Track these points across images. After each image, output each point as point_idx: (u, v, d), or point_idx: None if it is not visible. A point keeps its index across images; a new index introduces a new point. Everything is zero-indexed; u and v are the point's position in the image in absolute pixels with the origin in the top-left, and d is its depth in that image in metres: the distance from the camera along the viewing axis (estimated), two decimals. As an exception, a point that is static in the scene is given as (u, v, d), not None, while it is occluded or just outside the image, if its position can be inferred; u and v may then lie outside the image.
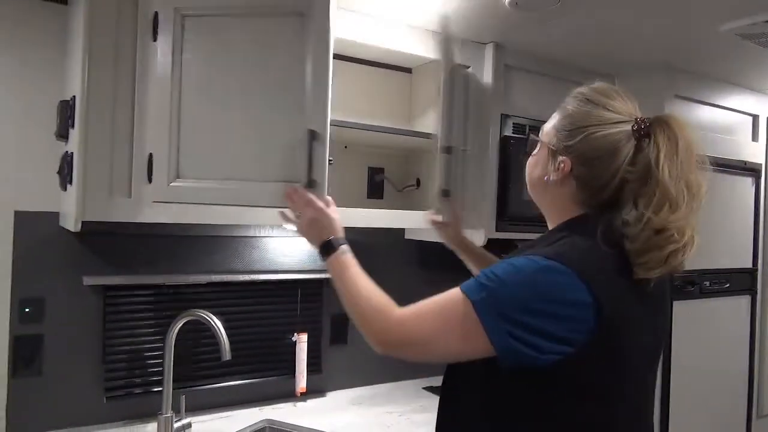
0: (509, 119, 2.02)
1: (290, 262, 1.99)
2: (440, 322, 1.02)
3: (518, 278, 0.93)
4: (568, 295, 0.90)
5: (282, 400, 2.00)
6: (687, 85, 2.23)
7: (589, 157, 1.00)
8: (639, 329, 0.98)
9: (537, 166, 1.10)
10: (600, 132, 1.00)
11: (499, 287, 0.93)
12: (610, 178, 0.99)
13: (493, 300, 0.93)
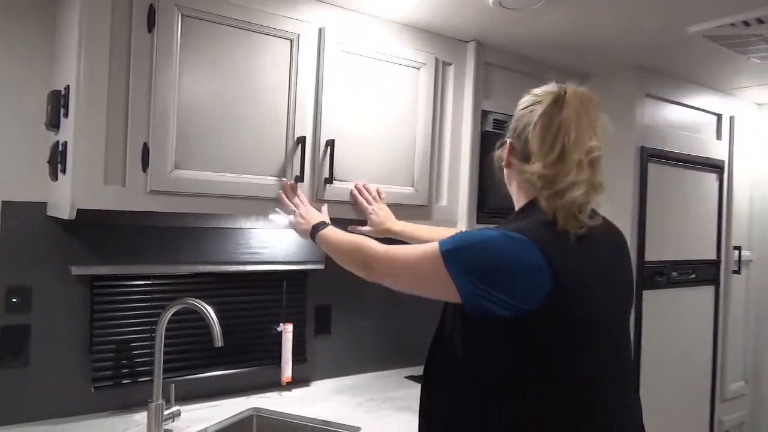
0: (489, 115, 2.09)
1: (276, 253, 2.02)
2: (414, 258, 1.17)
3: (485, 244, 1.03)
4: (526, 260, 1.00)
5: (268, 390, 2.03)
6: (657, 84, 2.34)
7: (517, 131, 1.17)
8: (596, 288, 1.07)
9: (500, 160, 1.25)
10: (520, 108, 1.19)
11: (468, 246, 1.05)
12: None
13: (461, 254, 1.05)
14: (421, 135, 1.93)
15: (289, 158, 1.65)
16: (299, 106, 1.66)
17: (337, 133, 1.72)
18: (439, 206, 2.01)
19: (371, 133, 1.82)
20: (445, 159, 2.02)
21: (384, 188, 1.85)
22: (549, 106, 1.12)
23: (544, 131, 1.10)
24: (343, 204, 1.77)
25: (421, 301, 2.53)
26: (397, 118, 1.88)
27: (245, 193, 1.58)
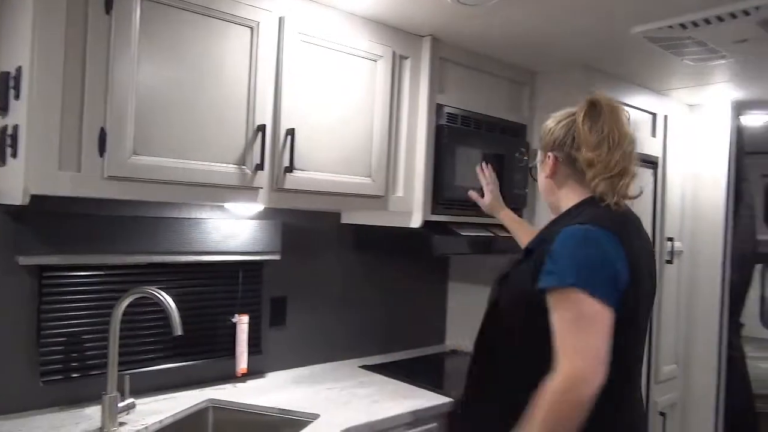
0: (444, 109, 2.15)
1: (232, 244, 2.00)
2: (576, 329, 1.20)
3: (579, 249, 1.22)
4: (614, 254, 1.22)
5: (223, 382, 2.02)
6: (602, 84, 2.46)
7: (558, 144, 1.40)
8: (644, 275, 1.30)
9: (539, 179, 1.48)
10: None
11: (579, 263, 1.21)
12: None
13: (586, 275, 1.20)
14: (378, 126, 1.96)
15: (249, 146, 1.64)
16: (259, 94, 1.65)
17: (297, 122, 1.73)
18: (396, 197, 2.05)
19: (330, 123, 1.84)
20: (401, 150, 2.06)
21: (342, 178, 1.87)
22: (589, 110, 1.36)
23: (593, 130, 1.33)
24: (302, 194, 1.78)
25: (375, 293, 2.57)
26: (355, 109, 1.90)
27: (205, 180, 1.57)
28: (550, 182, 1.44)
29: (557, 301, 1.21)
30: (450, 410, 1.93)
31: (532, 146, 2.46)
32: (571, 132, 1.37)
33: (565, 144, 1.38)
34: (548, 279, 1.22)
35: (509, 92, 2.43)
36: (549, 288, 1.22)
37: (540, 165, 1.47)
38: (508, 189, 2.34)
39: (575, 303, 1.19)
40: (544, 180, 1.46)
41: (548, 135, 1.43)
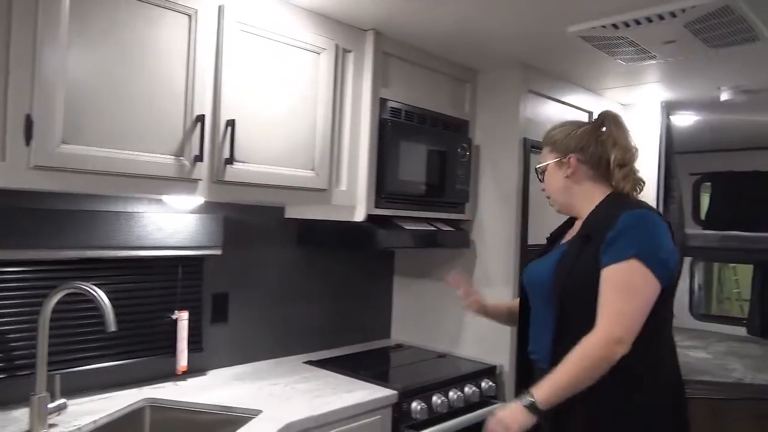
0: (387, 103, 2.16)
1: (170, 238, 1.95)
2: (634, 292, 1.38)
3: (652, 227, 1.43)
4: (667, 235, 1.45)
5: (163, 380, 1.96)
6: (539, 82, 2.53)
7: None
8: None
9: (550, 180, 1.65)
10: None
11: (649, 240, 1.41)
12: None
13: (651, 250, 1.39)
14: (322, 119, 1.96)
15: (187, 137, 1.60)
16: (198, 83, 1.62)
17: (237, 113, 1.71)
18: (339, 190, 2.05)
19: (272, 115, 1.82)
20: (344, 144, 2.06)
21: (284, 171, 1.85)
22: (616, 120, 1.60)
23: (624, 136, 1.58)
24: (243, 186, 1.75)
25: (319, 288, 2.56)
26: (298, 102, 1.89)
27: (140, 171, 1.52)
28: (567, 182, 1.61)
29: (613, 271, 1.38)
30: (395, 402, 1.95)
31: (474, 142, 2.51)
32: (595, 137, 1.59)
33: (589, 146, 1.58)
34: (611, 255, 1.39)
35: (452, 89, 2.47)
36: (611, 263, 1.38)
37: (556, 167, 1.62)
38: (451, 185, 2.37)
39: (630, 272, 1.37)
40: (560, 180, 1.62)
41: (568, 139, 1.61)
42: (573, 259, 1.48)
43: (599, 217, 1.50)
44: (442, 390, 2.12)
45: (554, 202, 1.68)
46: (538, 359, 1.57)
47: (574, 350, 1.37)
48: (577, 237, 1.52)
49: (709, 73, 2.55)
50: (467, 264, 2.55)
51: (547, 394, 1.39)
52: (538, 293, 1.59)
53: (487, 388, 2.29)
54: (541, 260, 1.66)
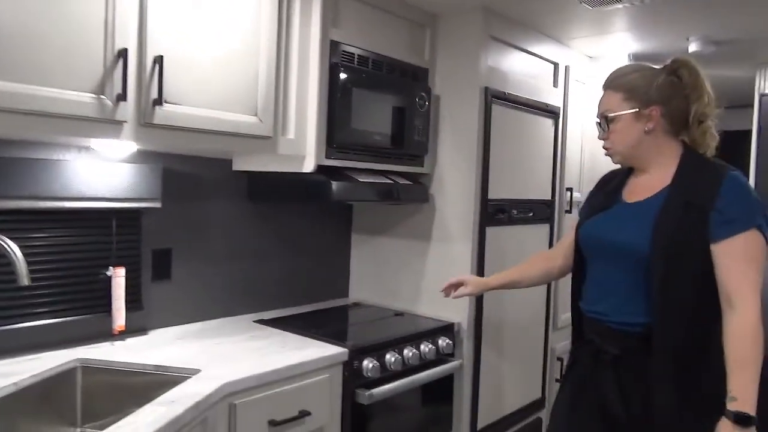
0: (339, 46, 2.02)
1: (102, 189, 1.80)
2: (756, 264, 1.38)
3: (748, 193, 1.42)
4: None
5: (98, 340, 1.85)
6: (501, 28, 2.41)
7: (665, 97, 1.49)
8: None
9: (623, 132, 1.52)
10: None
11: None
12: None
13: (761, 216, 1.39)
14: (265, 60, 1.81)
15: (108, 73, 1.45)
16: (119, 13, 1.46)
17: (167, 49, 1.55)
18: (286, 139, 1.92)
19: (209, 53, 1.67)
20: (291, 89, 1.92)
21: (223, 116, 1.72)
22: (686, 71, 1.50)
23: (701, 90, 1.49)
24: (175, 131, 1.61)
25: (272, 245, 2.45)
26: (238, 39, 1.74)
27: (54, 110, 1.37)
28: (645, 136, 1.50)
29: (736, 244, 1.36)
30: (346, 360, 1.87)
31: (434, 92, 2.39)
32: (676, 85, 1.49)
33: (671, 101, 1.48)
34: (731, 228, 1.36)
35: (410, 34, 2.33)
36: (733, 234, 1.36)
37: (632, 118, 1.50)
38: (409, 136, 2.26)
39: (751, 243, 1.37)
40: (636, 134, 1.51)
41: (650, 88, 1.48)
42: (674, 226, 1.41)
43: (694, 180, 1.45)
44: (397, 348, 2.05)
45: (618, 155, 1.57)
46: (604, 319, 1.53)
47: (740, 339, 1.34)
48: (672, 201, 1.44)
49: (678, 22, 2.46)
50: (426, 219, 2.46)
51: (752, 399, 1.32)
52: (618, 254, 1.51)
53: (445, 346, 2.23)
54: (611, 220, 1.57)
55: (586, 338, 1.62)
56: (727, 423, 1.32)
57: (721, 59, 2.94)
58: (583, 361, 1.61)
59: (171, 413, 1.34)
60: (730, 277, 1.36)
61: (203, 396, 1.44)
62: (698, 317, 1.41)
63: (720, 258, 1.38)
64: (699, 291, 1.41)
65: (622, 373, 1.49)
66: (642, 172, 1.56)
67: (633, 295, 1.47)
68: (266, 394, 1.64)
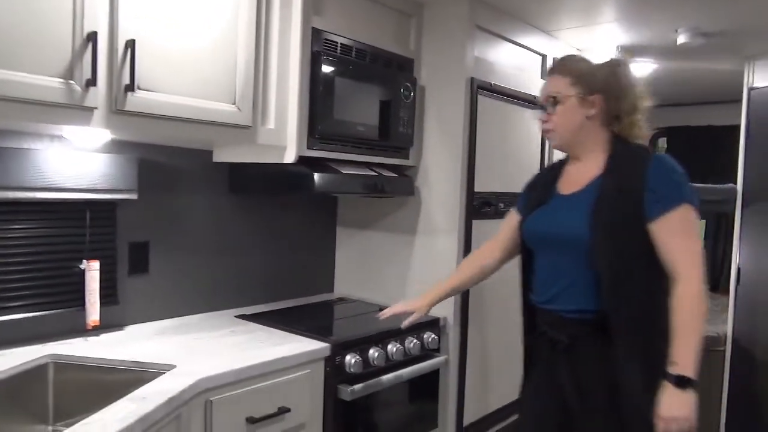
0: (322, 34, 1.97)
1: (74, 180, 1.75)
2: (697, 236, 1.47)
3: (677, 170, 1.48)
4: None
5: (71, 336, 1.79)
6: (487, 17, 2.37)
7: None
8: None
9: (566, 114, 1.58)
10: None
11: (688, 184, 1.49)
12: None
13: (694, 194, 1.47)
14: (243, 48, 1.76)
15: (77, 57, 1.39)
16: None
17: (139, 33, 1.50)
18: (266, 129, 1.87)
19: (184, 39, 1.61)
20: (271, 77, 1.87)
21: (199, 103, 1.66)
22: (623, 68, 1.59)
23: (634, 86, 1.59)
24: (149, 118, 1.56)
25: (255, 238, 2.41)
26: (214, 26, 1.69)
27: (20, 94, 1.30)
28: (584, 121, 1.57)
29: (671, 220, 1.43)
30: (328, 355, 1.83)
31: (419, 82, 2.35)
32: (616, 79, 1.57)
33: (612, 89, 1.56)
34: (664, 205, 1.43)
35: (395, 23, 2.29)
36: (666, 211, 1.43)
37: (577, 102, 1.56)
38: (394, 128, 2.21)
39: (685, 217, 1.44)
40: (578, 118, 1.57)
41: (594, 77, 1.56)
42: (610, 211, 1.48)
43: (624, 165, 1.52)
44: (381, 343, 2.01)
45: (556, 137, 1.63)
46: (556, 309, 1.58)
47: (682, 307, 1.42)
48: (605, 188, 1.51)
49: (667, 12, 2.42)
50: (411, 212, 2.42)
51: (692, 364, 1.41)
52: (561, 245, 1.56)
53: (430, 341, 2.19)
54: (551, 213, 1.63)
55: (540, 330, 1.66)
56: (669, 386, 1.41)
57: (710, 52, 2.91)
58: (539, 353, 1.67)
59: (141, 410, 1.29)
60: (670, 252, 1.44)
61: (176, 392, 1.40)
62: (650, 295, 1.47)
63: (658, 235, 1.45)
64: (647, 269, 1.48)
65: (575, 361, 1.54)
66: (575, 162, 1.64)
67: (581, 283, 1.52)
68: (244, 390, 1.60)
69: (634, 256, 1.47)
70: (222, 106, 1.72)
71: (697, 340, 1.43)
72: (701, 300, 1.43)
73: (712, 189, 3.33)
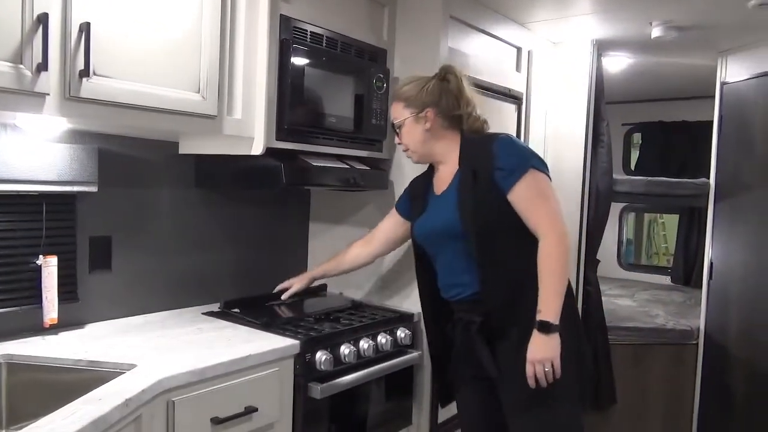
0: (291, 22, 1.91)
1: (30, 170, 1.66)
2: (553, 196, 1.66)
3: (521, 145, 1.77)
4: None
5: (27, 334, 1.71)
6: (462, 8, 2.33)
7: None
8: None
9: (409, 134, 1.79)
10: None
11: (533, 154, 1.71)
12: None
13: (539, 161, 1.68)
14: (208, 34, 1.69)
15: (26, 40, 1.31)
16: (38, -27, 1.32)
17: (95, 17, 1.42)
18: (233, 119, 1.80)
19: (144, 23, 1.54)
20: (238, 66, 1.80)
21: (161, 91, 1.59)
22: (451, 75, 1.78)
23: (463, 88, 1.77)
24: (106, 106, 1.48)
25: (224, 233, 2.33)
26: (177, 10, 1.61)
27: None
28: (426, 134, 1.77)
29: (524, 187, 1.61)
30: (297, 352, 1.77)
31: (393, 74, 2.30)
32: (444, 92, 1.76)
33: (441, 101, 1.74)
34: (513, 177, 1.61)
35: (369, 13, 2.23)
36: (515, 182, 1.60)
37: (413, 122, 1.77)
38: (367, 120, 2.16)
39: (538, 180, 1.62)
40: (419, 134, 1.77)
41: (421, 94, 1.75)
42: (471, 196, 1.65)
43: (473, 154, 1.71)
44: (352, 339, 1.96)
45: (413, 154, 1.82)
46: (459, 294, 1.76)
47: (543, 260, 1.60)
48: (463, 177, 1.69)
49: (642, 4, 2.41)
50: (385, 207, 2.36)
51: (554, 309, 1.58)
52: (444, 239, 1.74)
53: (403, 337, 2.15)
54: (430, 213, 1.81)
55: (455, 317, 1.82)
56: (535, 332, 1.59)
57: (683, 46, 2.92)
58: (457, 337, 1.81)
59: (96, 412, 1.22)
60: (530, 216, 1.62)
61: (135, 393, 1.33)
62: (524, 263, 1.64)
63: (517, 204, 1.63)
64: (516, 239, 1.65)
65: (487, 334, 1.71)
66: (440, 165, 1.81)
67: (470, 268, 1.69)
68: (209, 389, 1.54)
69: (503, 231, 1.64)
70: (185, 94, 1.66)
71: (558, 288, 1.60)
72: (561, 251, 1.60)
73: (683, 183, 3.35)
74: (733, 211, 3.03)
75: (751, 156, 2.92)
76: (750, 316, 2.88)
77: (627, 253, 4.95)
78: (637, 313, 3.41)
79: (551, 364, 1.58)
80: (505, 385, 1.72)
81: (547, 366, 1.58)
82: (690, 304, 3.69)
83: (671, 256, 4.85)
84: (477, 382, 1.82)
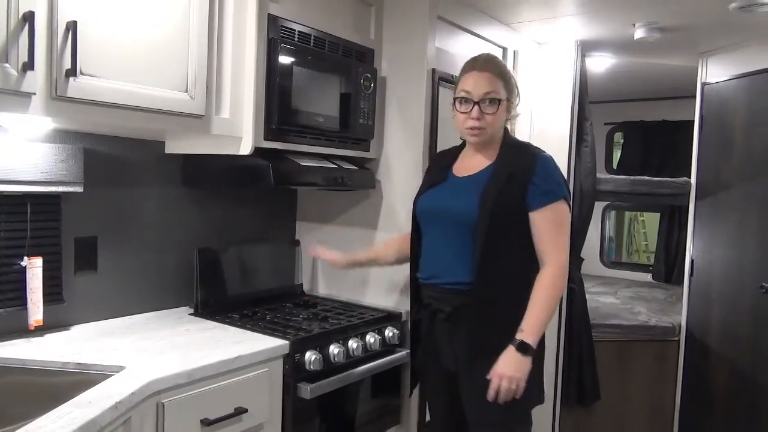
0: (278, 21, 1.90)
1: (15, 170, 1.63)
2: (567, 228, 1.72)
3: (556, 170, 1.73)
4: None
5: (11, 337, 1.69)
6: (449, 8, 2.34)
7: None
8: None
9: (500, 116, 1.75)
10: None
11: (564, 183, 1.74)
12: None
13: (566, 189, 1.73)
14: (196, 33, 1.68)
15: (12, 38, 1.29)
16: (24, -29, 1.30)
17: (82, 15, 1.40)
18: (220, 118, 1.79)
19: (132, 22, 1.53)
20: (226, 65, 1.79)
21: (148, 91, 1.58)
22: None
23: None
24: (93, 106, 1.47)
25: (211, 233, 2.31)
26: (165, 9, 1.60)
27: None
28: (504, 122, 1.78)
29: (549, 213, 1.65)
30: (286, 353, 1.77)
31: (380, 73, 2.30)
32: (515, 81, 1.79)
33: (516, 92, 1.80)
34: (544, 199, 1.65)
35: (356, 12, 2.23)
36: (545, 204, 1.65)
37: (506, 103, 1.75)
38: (354, 119, 2.16)
39: (562, 212, 1.68)
40: (502, 118, 1.75)
41: (514, 81, 1.78)
42: (498, 193, 1.66)
43: (515, 158, 1.72)
44: (341, 339, 1.96)
45: (485, 135, 1.73)
46: (433, 278, 1.77)
47: (541, 285, 1.64)
48: (496, 172, 1.70)
49: (626, 6, 2.44)
50: (373, 206, 2.38)
51: (537, 334, 1.61)
52: (449, 220, 1.73)
53: (392, 336, 2.15)
54: (445, 192, 1.79)
55: (424, 303, 1.82)
56: (511, 348, 1.60)
57: (666, 47, 2.96)
58: (423, 323, 1.83)
59: (86, 415, 1.21)
60: (543, 240, 1.66)
61: (125, 395, 1.32)
62: (517, 271, 1.68)
63: (536, 223, 1.66)
64: (518, 249, 1.68)
65: (452, 327, 1.72)
66: (477, 152, 1.78)
67: (461, 257, 1.68)
68: (198, 391, 1.53)
69: (509, 236, 1.66)
70: (173, 93, 1.64)
71: (546, 317, 1.63)
72: (556, 281, 1.65)
73: (666, 183, 3.40)
74: (713, 209, 3.08)
75: (731, 155, 2.98)
76: (730, 312, 2.93)
77: (609, 250, 5.01)
78: (620, 311, 3.46)
79: (516, 385, 1.59)
80: (467, 384, 1.72)
81: (513, 384, 1.58)
82: (672, 301, 3.75)
83: (651, 253, 4.92)
84: (442, 387, 1.84)
